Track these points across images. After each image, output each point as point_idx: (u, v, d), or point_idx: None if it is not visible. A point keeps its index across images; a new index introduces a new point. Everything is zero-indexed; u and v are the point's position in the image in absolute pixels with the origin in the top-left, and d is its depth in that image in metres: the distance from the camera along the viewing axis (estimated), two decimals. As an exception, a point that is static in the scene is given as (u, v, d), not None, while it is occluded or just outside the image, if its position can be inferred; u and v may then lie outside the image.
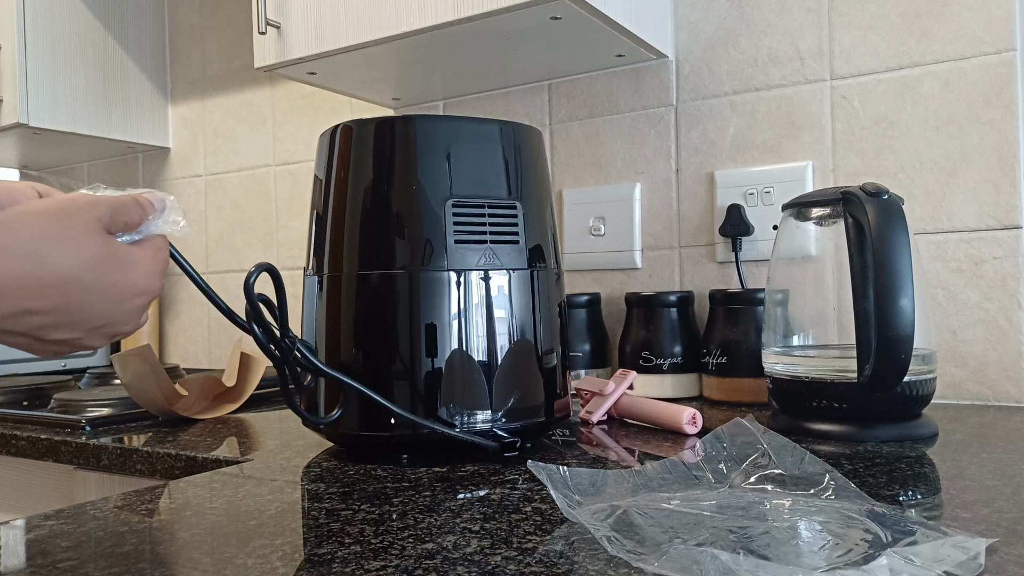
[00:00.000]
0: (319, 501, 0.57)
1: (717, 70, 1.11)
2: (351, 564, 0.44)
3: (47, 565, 0.45)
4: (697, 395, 1.03)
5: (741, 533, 0.45)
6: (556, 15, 0.95)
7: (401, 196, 0.70)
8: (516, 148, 0.74)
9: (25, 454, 0.91)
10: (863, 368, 0.72)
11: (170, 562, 0.45)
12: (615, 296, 1.19)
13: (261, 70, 1.13)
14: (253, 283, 0.58)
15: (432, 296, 0.68)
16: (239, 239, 1.61)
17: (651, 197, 1.16)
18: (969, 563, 0.39)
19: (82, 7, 1.53)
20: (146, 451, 0.80)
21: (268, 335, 0.61)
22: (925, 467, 0.63)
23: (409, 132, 0.70)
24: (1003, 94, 0.93)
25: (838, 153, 1.03)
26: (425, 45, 1.05)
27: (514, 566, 0.43)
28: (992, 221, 0.93)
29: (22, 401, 1.14)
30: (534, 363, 0.72)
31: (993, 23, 0.93)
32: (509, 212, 0.72)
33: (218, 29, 1.64)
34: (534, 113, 1.26)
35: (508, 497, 0.57)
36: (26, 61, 1.43)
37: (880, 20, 1.00)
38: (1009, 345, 0.93)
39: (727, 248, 1.09)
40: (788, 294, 0.85)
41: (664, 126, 1.15)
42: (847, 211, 0.74)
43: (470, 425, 0.69)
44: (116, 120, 1.60)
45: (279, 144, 1.55)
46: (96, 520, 0.54)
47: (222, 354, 1.63)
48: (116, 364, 0.92)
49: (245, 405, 1.08)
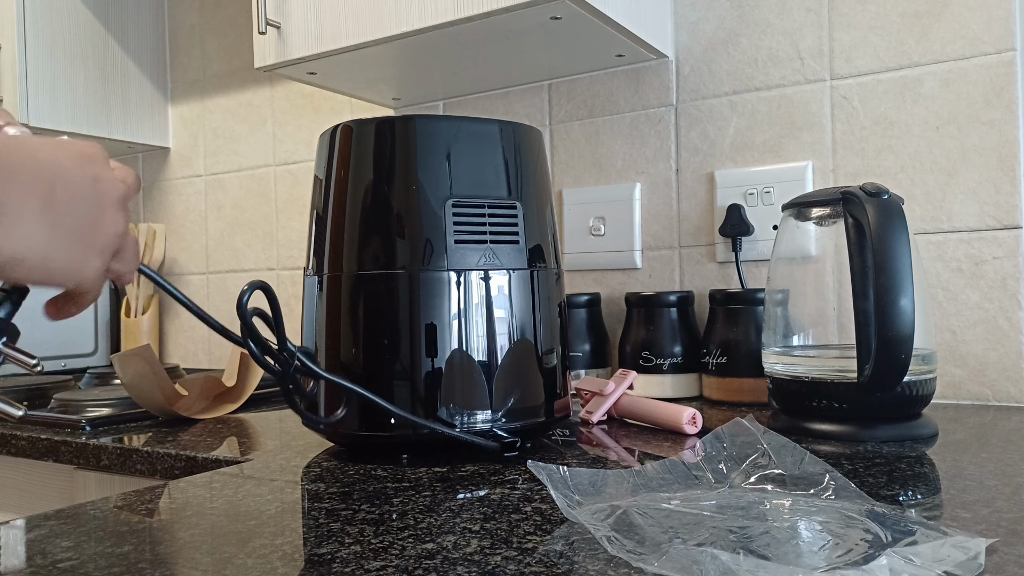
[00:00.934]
0: (319, 501, 0.57)
1: (717, 70, 1.11)
2: (351, 564, 0.44)
3: (47, 565, 0.45)
4: (697, 395, 1.03)
5: (741, 533, 0.45)
6: (556, 15, 0.95)
7: (401, 196, 0.70)
8: (516, 148, 0.74)
9: (25, 454, 0.91)
10: (863, 368, 0.72)
11: (170, 562, 0.45)
12: (615, 296, 1.19)
13: (261, 70, 1.13)
14: (246, 303, 0.58)
15: (432, 296, 0.68)
16: (239, 239, 1.61)
17: (651, 197, 1.16)
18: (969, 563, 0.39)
19: (82, 7, 1.53)
20: (146, 451, 0.80)
21: (265, 349, 0.61)
22: (925, 467, 0.63)
23: (409, 132, 0.70)
24: (1003, 94, 0.93)
25: (838, 153, 1.03)
26: (425, 45, 1.05)
27: (514, 566, 0.43)
28: (992, 221, 0.93)
29: (22, 401, 1.14)
30: (534, 363, 0.72)
31: (993, 23, 0.93)
32: (509, 212, 0.72)
33: (218, 29, 1.64)
34: (534, 113, 1.26)
35: (508, 497, 0.57)
36: (26, 61, 1.43)
37: (880, 20, 1.00)
38: (1009, 345, 0.93)
39: (727, 248, 1.09)
40: (788, 294, 0.85)
41: (664, 126, 1.15)
42: (847, 211, 0.74)
43: (470, 425, 0.69)
44: (116, 120, 1.60)
45: (279, 144, 1.55)
46: (96, 520, 0.54)
47: (222, 354, 1.64)
48: (116, 364, 0.92)
49: (245, 405, 1.08)
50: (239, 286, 1.59)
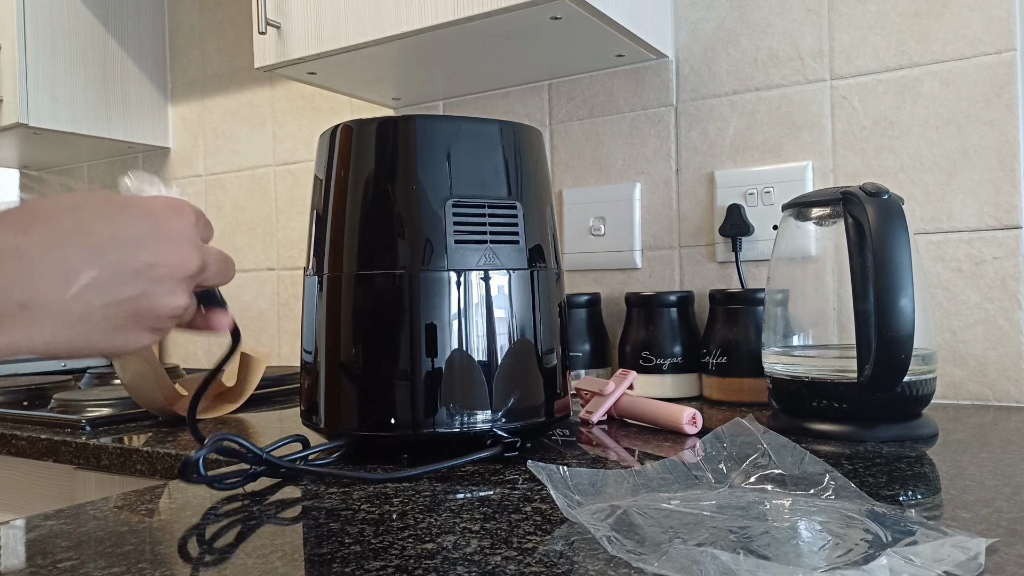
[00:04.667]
0: (319, 501, 0.57)
1: (717, 70, 1.11)
2: (351, 564, 0.44)
3: (47, 565, 0.45)
4: (697, 395, 1.03)
5: (741, 533, 0.45)
6: (556, 15, 0.95)
7: (401, 196, 0.70)
8: (516, 148, 0.74)
9: (25, 454, 0.91)
10: (863, 368, 0.72)
11: (170, 562, 0.45)
12: (615, 296, 1.19)
13: (261, 70, 1.13)
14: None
15: (432, 296, 0.68)
16: (239, 239, 1.61)
17: (651, 197, 1.16)
18: (969, 563, 0.39)
19: (82, 7, 1.53)
20: (146, 451, 0.80)
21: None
22: (925, 467, 0.63)
23: (409, 132, 0.70)
24: (1003, 94, 0.93)
25: (838, 153, 1.03)
26: (425, 45, 1.05)
27: (514, 566, 0.43)
28: (992, 221, 0.93)
29: (22, 401, 1.14)
30: (534, 363, 0.72)
31: (993, 23, 0.93)
32: (509, 212, 0.72)
33: (218, 29, 1.64)
34: (534, 113, 1.26)
35: (508, 497, 0.57)
36: (26, 61, 1.43)
37: (880, 20, 1.00)
38: (1009, 345, 0.93)
39: (727, 248, 1.09)
40: (788, 294, 0.85)
41: (664, 126, 1.15)
42: (847, 211, 0.74)
43: (470, 425, 0.69)
44: (116, 120, 1.60)
45: (279, 144, 1.55)
46: (96, 520, 0.54)
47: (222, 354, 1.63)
48: (116, 364, 0.92)
49: (245, 405, 1.08)
50: (239, 286, 1.59)
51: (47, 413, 0.98)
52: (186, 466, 0.50)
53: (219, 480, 0.53)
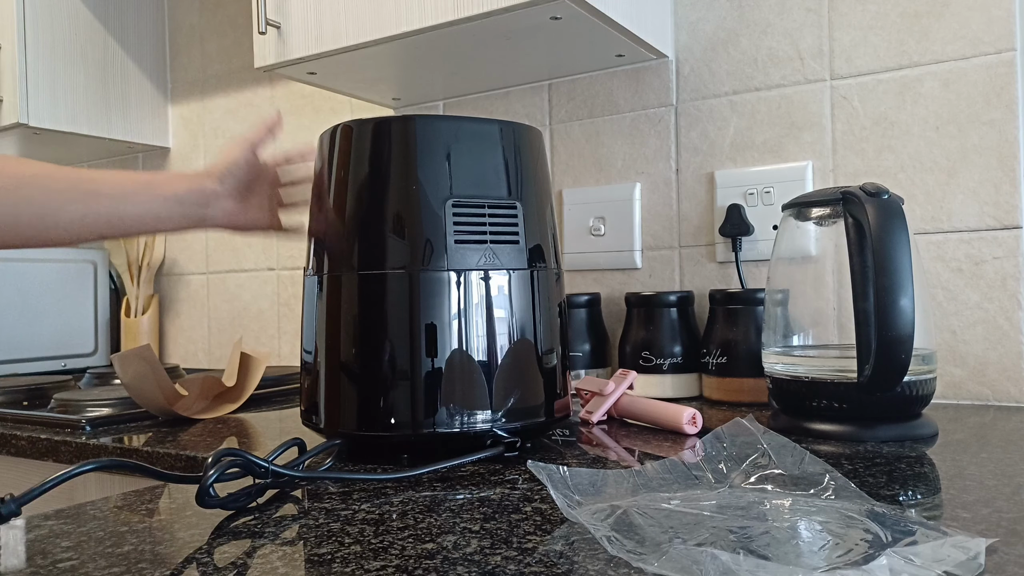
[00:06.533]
0: (319, 501, 0.57)
1: (717, 70, 1.11)
2: (351, 564, 0.44)
3: (47, 565, 0.45)
4: (697, 395, 1.03)
5: (741, 533, 0.45)
6: (556, 15, 0.95)
7: (401, 196, 0.70)
8: (516, 148, 0.74)
9: (25, 454, 0.91)
10: (863, 368, 0.72)
11: (170, 562, 0.45)
12: (615, 296, 1.19)
13: (261, 70, 1.13)
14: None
15: (432, 296, 0.68)
16: (239, 239, 1.61)
17: (651, 197, 1.16)
18: (969, 563, 0.39)
19: (82, 7, 1.53)
20: (146, 451, 0.80)
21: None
22: (925, 467, 0.63)
23: (409, 132, 0.70)
24: (1003, 94, 0.93)
25: (838, 153, 1.03)
26: (425, 45, 1.05)
27: (514, 566, 0.43)
28: (992, 221, 0.93)
29: (22, 401, 1.14)
30: (534, 363, 0.72)
31: (993, 23, 0.93)
32: (509, 212, 0.72)
33: (218, 29, 1.64)
34: (534, 113, 1.26)
35: (508, 497, 0.57)
36: (26, 61, 1.43)
37: (880, 20, 1.00)
38: (1009, 345, 0.93)
39: (727, 248, 1.09)
40: (788, 294, 0.85)
41: (664, 126, 1.15)
42: (847, 211, 0.74)
43: (470, 425, 0.69)
44: (116, 120, 1.60)
45: (279, 144, 1.55)
46: (96, 520, 0.54)
47: (222, 354, 1.63)
48: (116, 364, 0.92)
49: (245, 405, 1.08)
50: (239, 286, 1.59)
51: (47, 413, 0.98)
52: (200, 494, 0.53)
53: (233, 500, 0.55)
